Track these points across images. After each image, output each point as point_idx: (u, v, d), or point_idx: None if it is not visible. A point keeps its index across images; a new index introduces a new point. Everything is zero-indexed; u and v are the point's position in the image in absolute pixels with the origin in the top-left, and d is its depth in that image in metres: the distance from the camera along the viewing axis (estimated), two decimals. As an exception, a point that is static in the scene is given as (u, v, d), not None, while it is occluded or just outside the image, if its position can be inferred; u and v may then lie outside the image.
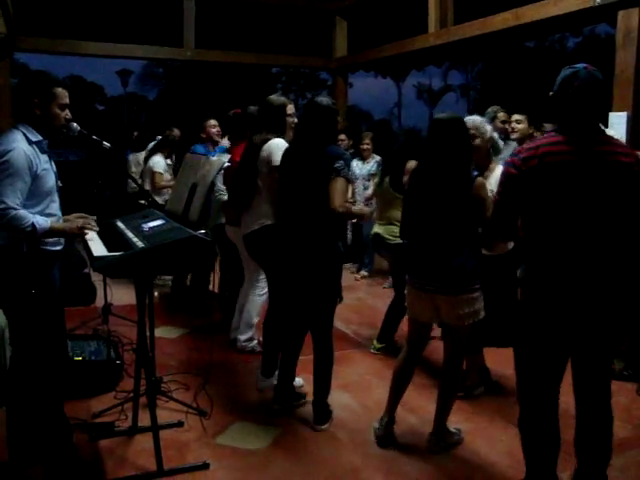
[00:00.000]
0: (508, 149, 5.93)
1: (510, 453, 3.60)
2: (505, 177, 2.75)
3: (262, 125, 4.46)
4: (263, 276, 4.95)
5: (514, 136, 5.87)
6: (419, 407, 4.17)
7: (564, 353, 2.79)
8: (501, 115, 6.03)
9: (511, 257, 4.06)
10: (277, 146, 4.27)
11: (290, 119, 4.44)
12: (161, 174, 7.26)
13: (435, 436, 3.66)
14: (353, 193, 7.98)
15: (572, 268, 2.63)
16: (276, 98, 4.46)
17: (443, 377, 3.68)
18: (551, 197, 2.62)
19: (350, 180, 3.95)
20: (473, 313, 3.50)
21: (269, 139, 4.35)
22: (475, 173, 3.51)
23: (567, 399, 2.90)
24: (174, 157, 7.87)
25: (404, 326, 3.84)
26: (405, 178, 4.63)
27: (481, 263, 3.53)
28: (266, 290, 5.05)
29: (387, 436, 3.73)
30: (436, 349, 4.60)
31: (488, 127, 4.16)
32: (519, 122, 5.85)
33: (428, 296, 3.52)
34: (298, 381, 4.41)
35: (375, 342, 5.35)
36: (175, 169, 7.48)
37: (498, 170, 4.16)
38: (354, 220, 7.57)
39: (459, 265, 3.40)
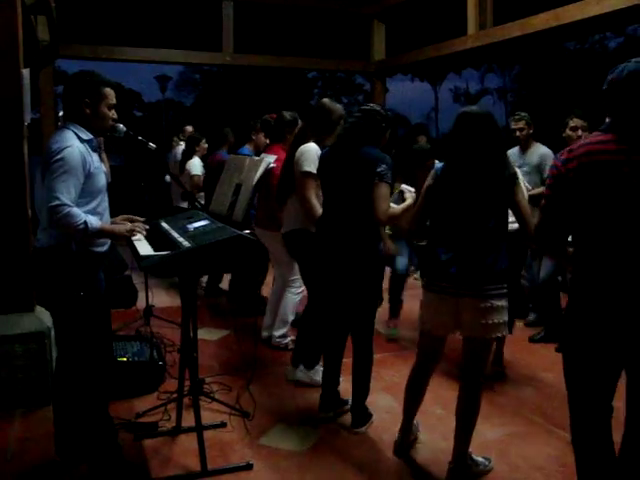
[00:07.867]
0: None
1: (557, 457, 3.55)
2: (550, 179, 2.63)
3: (311, 128, 4.44)
4: (299, 275, 4.97)
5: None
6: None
7: (618, 365, 2.64)
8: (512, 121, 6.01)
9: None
10: (308, 151, 4.28)
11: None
12: (199, 176, 7.16)
13: (456, 465, 3.30)
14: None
15: (624, 276, 2.49)
16: (334, 107, 4.31)
17: (461, 402, 3.30)
18: (595, 200, 2.48)
19: (391, 185, 3.73)
20: (497, 326, 3.17)
21: (304, 142, 4.38)
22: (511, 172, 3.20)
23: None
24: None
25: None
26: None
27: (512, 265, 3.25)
28: (302, 289, 5.12)
29: (402, 448, 3.59)
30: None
31: None
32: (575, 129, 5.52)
33: (451, 301, 3.21)
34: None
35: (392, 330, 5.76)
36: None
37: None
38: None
39: (491, 264, 3.13)
